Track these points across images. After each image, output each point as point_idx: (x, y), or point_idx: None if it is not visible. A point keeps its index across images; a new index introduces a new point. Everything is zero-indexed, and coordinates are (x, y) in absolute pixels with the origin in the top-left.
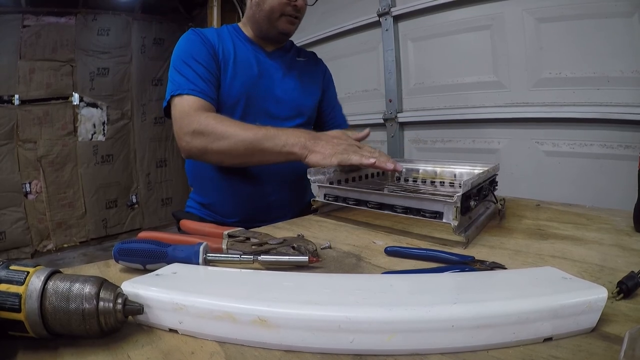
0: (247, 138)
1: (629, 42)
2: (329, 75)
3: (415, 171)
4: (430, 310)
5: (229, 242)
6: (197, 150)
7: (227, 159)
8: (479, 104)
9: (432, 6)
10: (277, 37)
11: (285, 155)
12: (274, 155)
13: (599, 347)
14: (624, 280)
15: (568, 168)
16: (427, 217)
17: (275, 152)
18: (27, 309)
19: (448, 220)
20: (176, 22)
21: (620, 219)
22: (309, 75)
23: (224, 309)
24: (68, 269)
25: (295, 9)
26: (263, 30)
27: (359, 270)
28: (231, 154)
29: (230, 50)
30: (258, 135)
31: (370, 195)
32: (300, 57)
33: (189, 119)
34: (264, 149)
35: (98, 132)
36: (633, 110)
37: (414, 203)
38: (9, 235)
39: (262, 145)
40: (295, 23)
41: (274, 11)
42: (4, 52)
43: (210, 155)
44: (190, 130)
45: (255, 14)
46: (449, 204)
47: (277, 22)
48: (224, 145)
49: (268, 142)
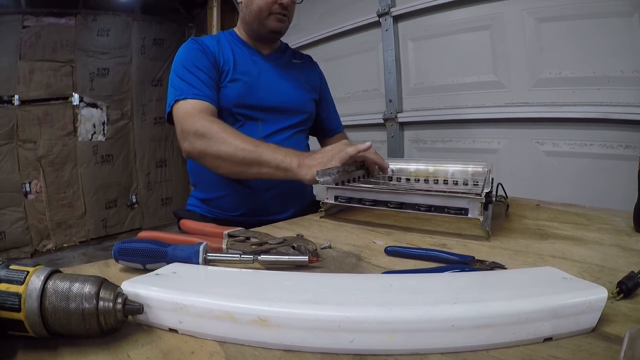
0: (248, 148)
1: (629, 42)
2: (324, 79)
3: (406, 170)
4: (430, 310)
5: (228, 242)
6: (197, 152)
7: (224, 166)
8: (479, 104)
9: (432, 6)
10: (268, 36)
11: (283, 170)
12: (271, 169)
13: (599, 347)
14: (624, 280)
15: (568, 168)
16: (452, 213)
17: (273, 166)
18: (27, 309)
19: (474, 215)
20: (176, 22)
21: (620, 219)
22: (305, 75)
23: (224, 309)
24: (68, 268)
25: (282, 6)
26: (254, 30)
27: (359, 270)
28: (229, 160)
29: (230, 57)
30: (259, 147)
31: (391, 194)
32: (296, 59)
33: (193, 120)
34: (262, 161)
35: (98, 132)
36: (633, 110)
37: (438, 201)
38: (8, 235)
39: (261, 157)
40: (285, 21)
41: (262, 10)
42: (4, 52)
43: (209, 158)
44: (192, 130)
45: (245, 16)
46: (475, 200)
47: (266, 21)
48: (224, 151)
49: (267, 154)
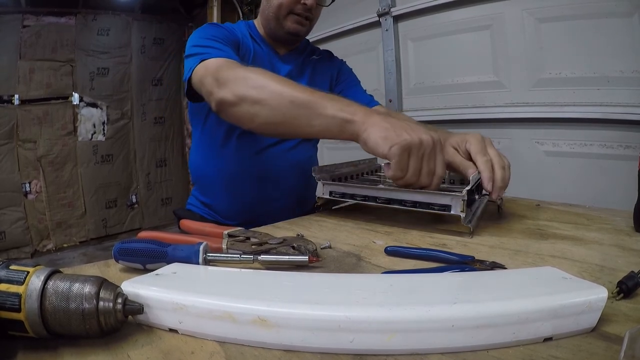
0: (297, 90)
1: (629, 42)
2: (345, 69)
3: None
4: (430, 310)
5: (229, 242)
6: (235, 98)
7: (264, 113)
8: (479, 104)
9: (432, 6)
10: (285, 38)
11: (341, 122)
12: (326, 118)
13: (599, 347)
14: (624, 280)
15: (568, 168)
16: (435, 209)
17: (329, 115)
18: (27, 309)
19: (456, 212)
20: (176, 22)
21: (620, 219)
22: (320, 74)
23: (224, 309)
24: (68, 268)
25: (304, 7)
26: (272, 28)
27: (359, 270)
28: (273, 104)
29: (250, 46)
30: (312, 93)
31: (379, 191)
32: (314, 56)
33: (229, 66)
34: (316, 106)
35: (98, 132)
36: (633, 110)
37: (423, 197)
38: (8, 235)
39: (315, 102)
40: (305, 24)
41: (282, 8)
42: (4, 52)
43: (246, 105)
44: (231, 75)
45: (265, 10)
46: (457, 197)
47: (284, 21)
48: (269, 91)
49: (322, 100)
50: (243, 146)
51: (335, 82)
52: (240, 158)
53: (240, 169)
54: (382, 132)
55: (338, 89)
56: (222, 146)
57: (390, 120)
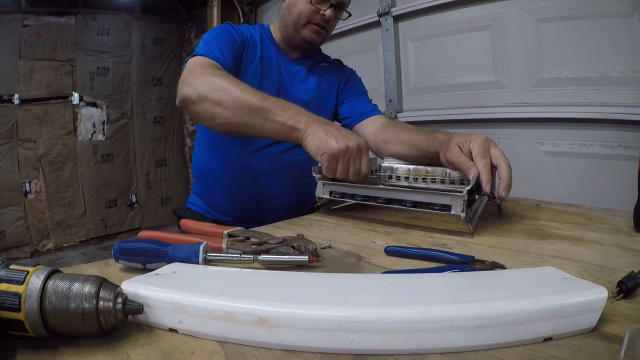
0: (254, 97)
1: (629, 42)
2: (354, 79)
3: (405, 169)
4: (430, 310)
5: (228, 242)
6: (197, 96)
7: (224, 114)
8: (479, 104)
9: (432, 6)
10: (301, 45)
11: (288, 129)
12: (276, 124)
13: (599, 347)
14: (624, 280)
15: (568, 168)
16: (435, 209)
17: (279, 121)
18: (27, 309)
19: (456, 212)
20: (176, 22)
21: (620, 219)
22: (327, 80)
23: (224, 309)
24: (68, 268)
25: (323, 18)
26: (289, 34)
27: (359, 269)
28: (232, 107)
29: (258, 47)
30: (267, 99)
31: (379, 191)
32: (323, 63)
33: (202, 68)
34: (269, 112)
35: (98, 132)
36: (633, 110)
37: (423, 197)
38: (8, 235)
39: (268, 108)
40: (322, 34)
41: (302, 17)
42: (4, 51)
43: (207, 104)
44: (199, 76)
45: (284, 16)
46: (457, 197)
47: (302, 29)
48: (228, 95)
49: (276, 107)
50: (245, 144)
51: (341, 90)
52: (241, 155)
53: (241, 166)
54: (316, 141)
55: (343, 97)
56: (226, 142)
57: (326, 129)
